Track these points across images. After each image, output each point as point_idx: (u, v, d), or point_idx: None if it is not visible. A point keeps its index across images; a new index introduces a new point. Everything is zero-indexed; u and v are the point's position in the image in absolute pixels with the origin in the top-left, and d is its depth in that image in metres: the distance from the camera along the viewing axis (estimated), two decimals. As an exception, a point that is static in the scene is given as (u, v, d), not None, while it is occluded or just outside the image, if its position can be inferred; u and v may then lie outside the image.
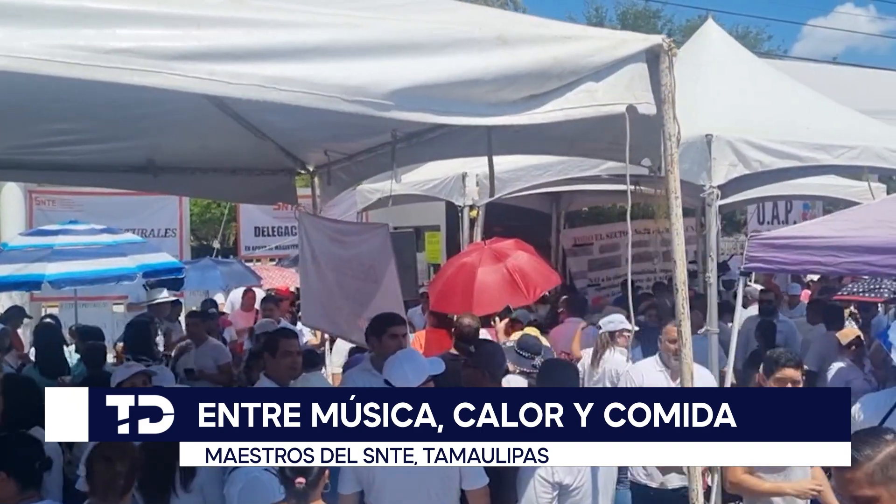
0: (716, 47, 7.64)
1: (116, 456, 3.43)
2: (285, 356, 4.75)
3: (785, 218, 13.88)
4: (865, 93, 13.97)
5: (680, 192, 3.18)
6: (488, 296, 6.76)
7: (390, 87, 2.60)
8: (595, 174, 7.11)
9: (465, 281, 6.83)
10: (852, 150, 6.53)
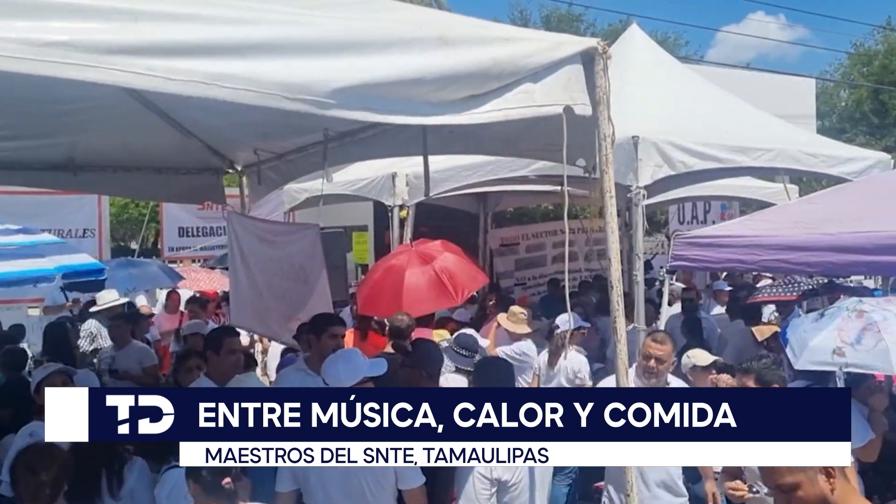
0: (640, 51, 7.84)
1: (41, 466, 3.32)
2: (230, 354, 4.70)
3: (704, 218, 14.31)
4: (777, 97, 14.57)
5: (614, 191, 3.26)
6: (417, 298, 6.76)
7: (333, 85, 2.58)
8: (523, 175, 7.22)
9: (392, 284, 6.81)
10: (769, 153, 6.80)
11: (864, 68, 34.63)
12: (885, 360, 4.45)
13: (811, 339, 4.78)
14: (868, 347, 4.50)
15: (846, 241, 4.94)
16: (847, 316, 4.76)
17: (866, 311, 4.71)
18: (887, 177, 6.73)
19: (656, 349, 4.50)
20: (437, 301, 7.07)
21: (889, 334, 4.52)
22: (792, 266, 5.39)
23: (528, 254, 12.44)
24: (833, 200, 5.82)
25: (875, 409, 5.00)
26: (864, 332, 4.62)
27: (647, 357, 4.51)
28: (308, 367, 4.90)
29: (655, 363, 4.46)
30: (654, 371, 4.46)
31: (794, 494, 2.44)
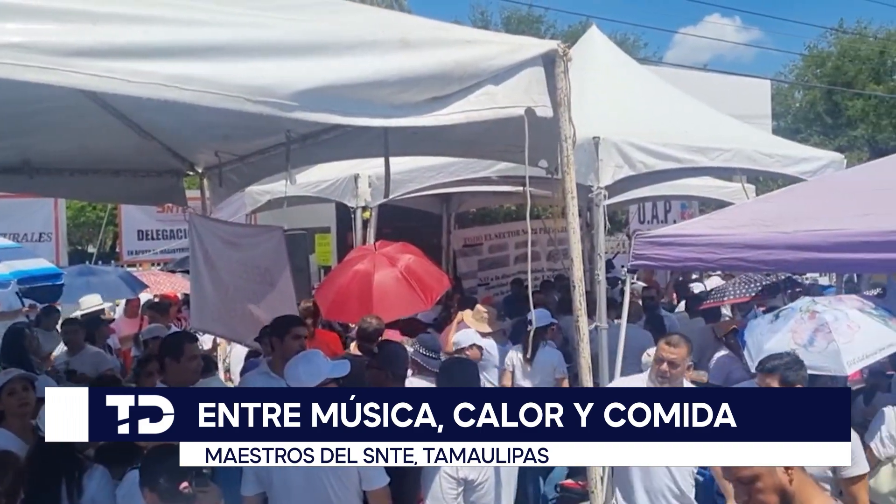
0: (600, 53, 7.91)
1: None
2: (191, 360, 4.67)
3: (664, 217, 14.49)
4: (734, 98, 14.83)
5: (576, 191, 3.29)
6: (388, 303, 6.76)
7: (295, 87, 2.58)
8: (485, 176, 7.25)
9: (361, 288, 6.79)
10: (726, 153, 6.92)
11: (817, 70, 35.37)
12: (837, 362, 4.55)
13: (766, 341, 4.88)
14: (820, 349, 4.61)
15: (801, 239, 5.04)
16: (800, 317, 4.86)
17: (818, 312, 4.82)
18: (840, 176, 6.88)
19: (669, 352, 4.32)
20: (408, 306, 7.07)
21: (840, 335, 4.62)
22: (749, 264, 5.48)
23: (490, 254, 12.50)
24: (789, 199, 5.93)
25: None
26: (816, 334, 4.73)
27: (660, 361, 4.34)
28: (271, 370, 4.88)
29: (668, 367, 4.29)
30: (667, 375, 4.29)
31: (754, 486, 2.50)
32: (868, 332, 4.70)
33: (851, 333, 4.63)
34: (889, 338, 4.74)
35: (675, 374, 4.29)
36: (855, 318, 4.78)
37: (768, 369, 4.27)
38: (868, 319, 4.81)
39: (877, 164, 6.17)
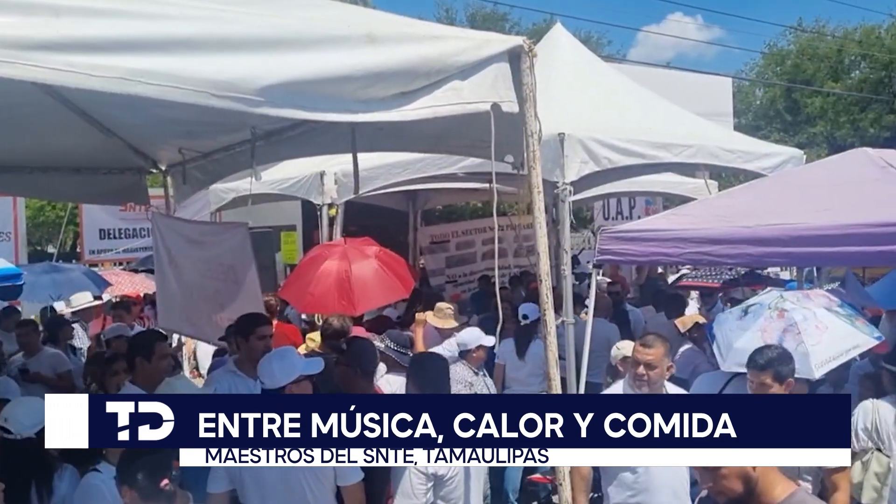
0: (564, 50, 7.97)
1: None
2: (162, 359, 4.63)
3: (629, 213, 14.61)
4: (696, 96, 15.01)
5: (542, 186, 3.32)
6: (368, 292, 6.73)
7: (261, 82, 2.56)
8: (452, 172, 7.26)
9: (340, 280, 6.74)
10: (689, 149, 7.01)
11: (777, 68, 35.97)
12: (806, 365, 4.59)
13: (736, 339, 4.93)
14: (790, 350, 4.67)
15: (763, 233, 5.13)
16: (769, 315, 4.91)
17: (787, 311, 4.87)
18: (800, 172, 7.00)
19: (645, 354, 4.11)
20: (387, 294, 7.04)
21: (808, 336, 4.67)
22: (713, 258, 5.56)
23: (458, 251, 12.51)
24: (750, 195, 6.02)
25: (796, 396, 5.20)
26: (785, 334, 4.78)
27: (636, 363, 4.13)
28: (238, 368, 4.85)
29: (645, 370, 4.08)
30: (644, 378, 4.08)
31: (719, 472, 2.55)
32: (835, 334, 4.75)
33: (819, 335, 4.68)
34: (856, 339, 4.80)
35: (654, 377, 4.10)
36: (823, 318, 4.83)
37: (762, 366, 4.20)
38: (836, 320, 4.86)
39: (834, 160, 6.29)
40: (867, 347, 4.90)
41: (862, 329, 4.95)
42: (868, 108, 31.84)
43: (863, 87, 32.71)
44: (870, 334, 4.93)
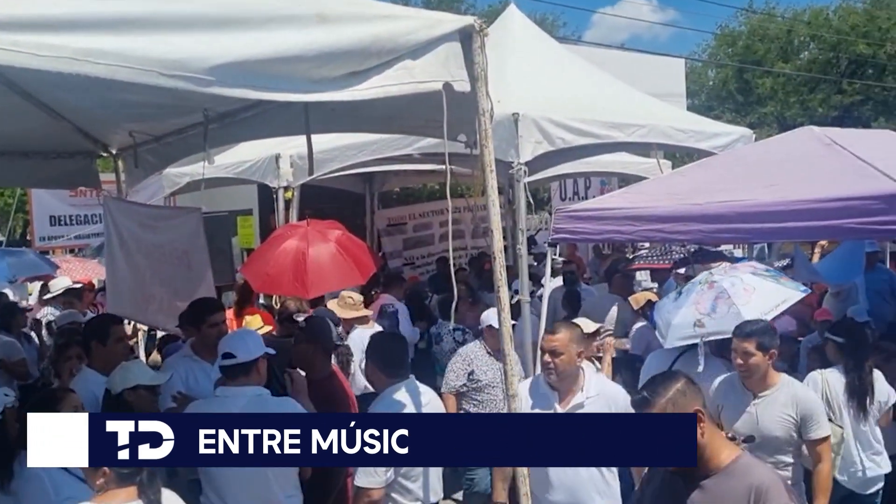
0: (519, 31, 8.00)
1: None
2: (118, 342, 4.59)
3: (585, 194, 14.70)
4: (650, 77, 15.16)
5: (494, 166, 3.35)
6: (322, 277, 6.72)
7: (211, 62, 2.54)
8: (407, 153, 7.27)
9: (295, 262, 6.72)
10: (642, 129, 7.11)
11: (728, 49, 36.40)
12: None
13: (673, 317, 5.09)
14: (722, 314, 4.85)
15: (713, 210, 5.24)
16: (701, 290, 5.10)
17: (716, 281, 5.06)
18: (749, 150, 7.14)
19: (549, 342, 4.06)
20: (342, 279, 7.03)
21: (738, 298, 4.88)
22: (666, 235, 5.68)
23: (415, 233, 12.54)
24: (701, 173, 6.14)
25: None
26: (717, 301, 4.96)
27: (543, 352, 4.11)
28: (194, 353, 4.83)
29: (551, 357, 4.02)
30: (551, 366, 4.03)
31: None
32: (763, 292, 4.96)
33: (748, 295, 4.88)
34: (783, 294, 5.03)
35: (562, 363, 4.02)
36: (750, 281, 5.03)
37: (747, 333, 4.33)
38: (762, 281, 5.07)
39: (782, 138, 6.45)
40: (795, 300, 5.13)
41: (787, 285, 5.20)
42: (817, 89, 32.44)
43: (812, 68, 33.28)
44: (795, 288, 5.19)
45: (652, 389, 2.72)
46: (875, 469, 4.94)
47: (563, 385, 4.07)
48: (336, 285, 6.97)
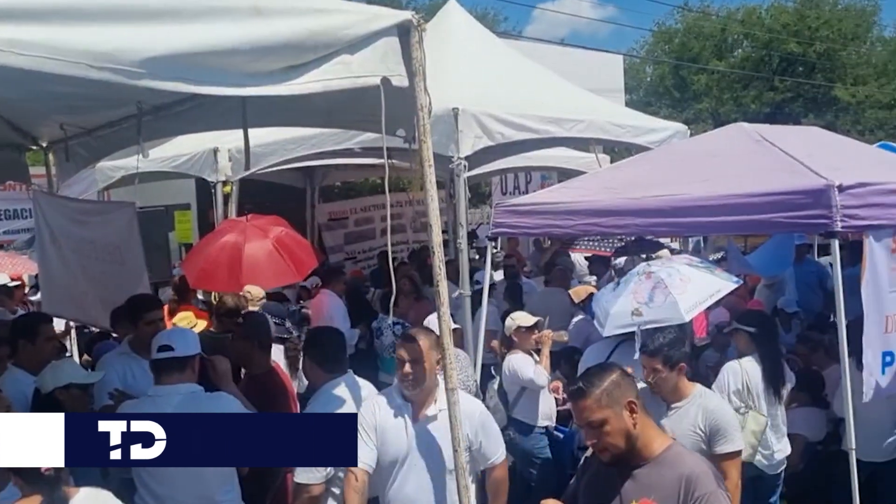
0: (459, 26, 8.02)
1: None
2: (47, 341, 4.48)
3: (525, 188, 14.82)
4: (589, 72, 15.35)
5: (433, 160, 3.36)
6: (257, 273, 6.65)
7: (142, 54, 2.50)
8: (348, 147, 7.24)
9: (231, 258, 6.64)
10: (580, 124, 7.21)
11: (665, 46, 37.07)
12: (676, 311, 4.94)
13: (612, 307, 5.21)
14: (660, 303, 4.98)
15: (648, 204, 5.36)
16: (639, 280, 5.23)
17: (653, 272, 5.20)
18: (683, 145, 7.31)
19: (407, 350, 3.69)
20: (277, 276, 6.97)
21: (675, 288, 5.03)
22: (603, 229, 5.79)
23: (356, 227, 12.50)
24: (637, 167, 6.27)
25: (678, 358, 5.49)
26: (654, 291, 5.10)
27: (401, 362, 3.70)
28: (132, 349, 4.75)
29: (410, 367, 3.65)
30: (409, 377, 3.66)
31: (603, 430, 2.68)
32: (698, 283, 5.12)
33: (684, 285, 5.02)
34: (717, 285, 5.20)
35: (419, 372, 3.66)
36: (685, 272, 5.17)
37: (651, 351, 4.27)
38: (697, 272, 5.23)
39: (714, 134, 6.62)
40: (728, 290, 5.32)
41: (721, 276, 5.39)
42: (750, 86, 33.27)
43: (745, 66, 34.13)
44: (728, 279, 5.39)
45: (587, 381, 2.76)
46: (782, 451, 5.23)
47: (419, 396, 3.72)
48: (270, 283, 6.90)
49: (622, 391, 2.74)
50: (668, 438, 2.83)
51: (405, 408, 3.75)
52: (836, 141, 6.60)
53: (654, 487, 2.67)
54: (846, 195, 4.51)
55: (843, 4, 34.54)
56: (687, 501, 2.62)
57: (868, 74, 33.27)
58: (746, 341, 5.27)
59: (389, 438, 3.70)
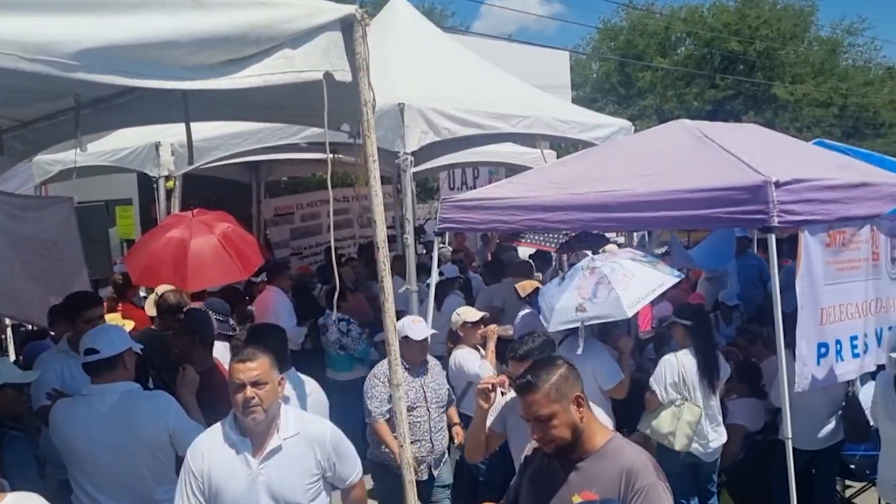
0: (405, 21, 8.01)
1: None
2: None
3: (473, 183, 14.89)
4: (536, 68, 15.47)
5: (377, 155, 3.35)
6: (203, 270, 6.54)
7: (77, 46, 2.44)
8: (294, 142, 7.18)
9: (176, 254, 6.51)
10: (526, 120, 7.27)
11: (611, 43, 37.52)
12: (619, 307, 5.00)
13: (556, 302, 5.26)
14: (603, 299, 5.04)
15: (592, 199, 5.43)
16: (583, 275, 5.29)
17: (597, 267, 5.26)
18: (627, 142, 7.41)
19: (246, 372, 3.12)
20: (223, 274, 6.88)
21: (618, 284, 5.10)
22: (548, 224, 5.84)
23: (303, 223, 12.38)
24: (582, 163, 6.34)
25: (623, 351, 5.59)
26: (597, 287, 5.16)
27: (241, 386, 3.11)
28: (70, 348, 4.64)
29: (254, 390, 3.10)
30: (251, 403, 3.10)
31: (551, 423, 2.70)
32: (641, 278, 5.19)
33: (627, 281, 5.09)
34: (659, 279, 5.28)
35: (268, 396, 3.14)
36: (629, 267, 5.25)
37: (521, 356, 4.04)
38: (640, 266, 5.30)
39: (656, 131, 6.72)
40: (670, 285, 5.39)
41: (664, 270, 5.48)
42: (692, 83, 33.87)
43: (688, 63, 34.75)
44: (671, 274, 5.48)
45: (536, 375, 2.77)
46: (718, 440, 5.43)
47: (260, 427, 3.17)
48: (216, 280, 6.80)
49: (570, 385, 2.76)
50: (609, 431, 2.87)
51: (242, 444, 3.17)
52: (774, 138, 6.76)
53: (595, 480, 2.70)
54: (782, 191, 4.64)
55: (782, 4, 35.34)
56: (628, 493, 2.65)
57: (805, 73, 34.13)
58: (683, 334, 5.43)
59: (225, 487, 3.15)
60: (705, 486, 5.49)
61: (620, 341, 5.65)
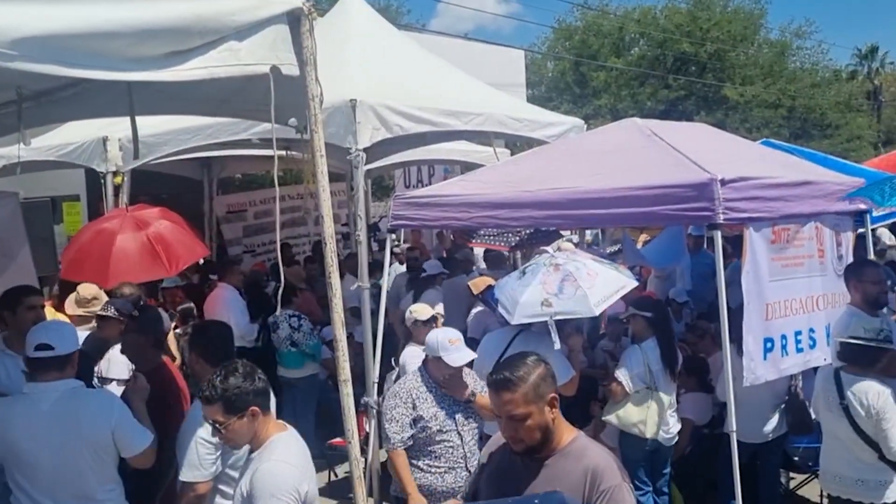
0: (358, 18, 7.96)
1: None
2: None
3: (428, 181, 14.88)
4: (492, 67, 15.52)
5: (325, 151, 3.33)
6: (125, 266, 6.42)
7: (13, 35, 2.38)
8: (245, 138, 7.09)
9: (101, 248, 6.39)
10: (479, 117, 7.28)
11: (566, 42, 37.80)
12: (586, 304, 5.07)
13: (520, 295, 5.27)
14: (570, 295, 5.10)
15: (543, 197, 5.46)
16: (546, 271, 5.33)
17: (561, 265, 5.31)
18: (579, 140, 7.47)
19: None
20: (147, 270, 6.76)
21: (584, 282, 5.16)
22: (500, 221, 5.85)
23: (256, 220, 12.27)
24: (534, 161, 6.37)
25: (573, 349, 5.64)
26: (564, 283, 5.21)
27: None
28: (6, 346, 4.53)
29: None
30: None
31: (524, 423, 2.67)
32: (605, 278, 5.28)
33: (592, 280, 5.17)
34: (622, 281, 5.40)
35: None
36: (592, 267, 5.32)
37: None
38: (603, 267, 5.40)
39: (607, 129, 6.79)
40: (631, 287, 5.51)
41: (624, 273, 5.67)
42: (646, 83, 34.29)
43: (641, 64, 35.15)
44: (630, 277, 5.65)
45: (516, 374, 2.68)
46: (676, 426, 5.71)
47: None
48: (138, 277, 6.63)
49: (547, 386, 2.71)
50: (573, 430, 2.83)
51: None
52: (722, 137, 6.88)
53: (560, 479, 2.67)
54: (728, 188, 4.72)
55: (733, 7, 35.97)
56: (592, 494, 2.63)
57: (755, 75, 34.76)
58: (644, 326, 5.61)
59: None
60: (661, 471, 5.77)
61: (571, 339, 5.70)
